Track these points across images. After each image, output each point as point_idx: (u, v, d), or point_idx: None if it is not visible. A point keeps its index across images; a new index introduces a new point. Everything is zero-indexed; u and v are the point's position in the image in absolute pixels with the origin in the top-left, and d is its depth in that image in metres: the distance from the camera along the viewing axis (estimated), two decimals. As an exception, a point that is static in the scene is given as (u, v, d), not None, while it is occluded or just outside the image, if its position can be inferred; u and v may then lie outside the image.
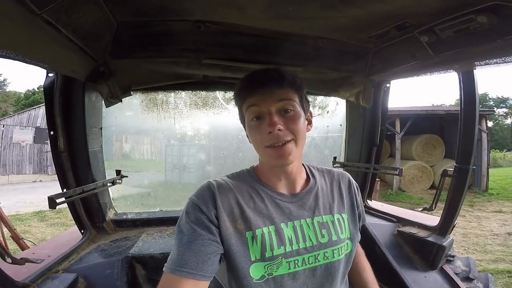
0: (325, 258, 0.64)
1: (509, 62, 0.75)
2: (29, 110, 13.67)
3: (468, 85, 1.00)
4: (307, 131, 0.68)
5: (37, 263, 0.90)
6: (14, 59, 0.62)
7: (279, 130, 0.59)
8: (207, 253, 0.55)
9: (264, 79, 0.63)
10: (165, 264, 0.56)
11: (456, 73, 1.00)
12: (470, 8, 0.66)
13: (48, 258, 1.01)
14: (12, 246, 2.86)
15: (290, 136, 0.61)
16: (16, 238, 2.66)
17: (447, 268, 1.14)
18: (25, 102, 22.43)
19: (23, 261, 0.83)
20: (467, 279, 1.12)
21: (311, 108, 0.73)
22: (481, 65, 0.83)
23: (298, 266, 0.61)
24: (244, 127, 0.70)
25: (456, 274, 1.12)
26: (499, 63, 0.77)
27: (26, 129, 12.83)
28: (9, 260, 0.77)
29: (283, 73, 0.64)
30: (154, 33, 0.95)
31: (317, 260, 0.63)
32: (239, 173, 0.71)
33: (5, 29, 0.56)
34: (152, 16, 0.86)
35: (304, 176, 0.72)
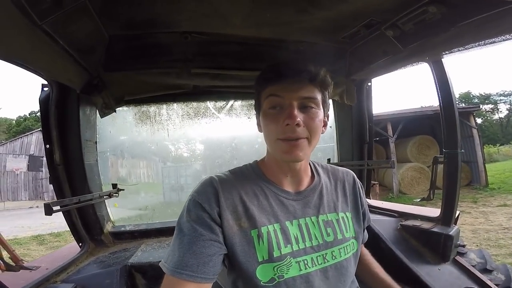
0: (333, 257, 0.62)
1: (469, 48, 0.82)
2: (21, 137, 13.58)
3: (440, 75, 1.06)
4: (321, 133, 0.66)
5: (33, 269, 0.89)
6: (17, 65, 0.67)
7: (297, 124, 0.57)
8: (209, 254, 0.53)
9: (297, 70, 0.60)
10: (164, 263, 0.55)
11: (428, 65, 1.08)
12: (421, 1, 0.73)
13: (45, 270, 1.00)
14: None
15: (306, 133, 0.59)
16: (15, 260, 2.58)
17: (461, 259, 1.09)
18: (17, 129, 22.32)
19: (18, 267, 0.84)
20: (485, 270, 1.06)
21: None
22: (447, 53, 0.91)
23: (309, 267, 0.59)
24: (258, 114, 0.67)
25: (472, 266, 1.07)
26: (461, 50, 0.84)
27: (20, 157, 12.69)
28: (3, 266, 0.78)
29: (318, 68, 0.62)
30: (144, 45, 1.01)
31: (326, 260, 0.61)
32: (242, 168, 0.69)
33: (10, 38, 0.61)
34: (142, 29, 0.92)
35: (309, 173, 0.71)
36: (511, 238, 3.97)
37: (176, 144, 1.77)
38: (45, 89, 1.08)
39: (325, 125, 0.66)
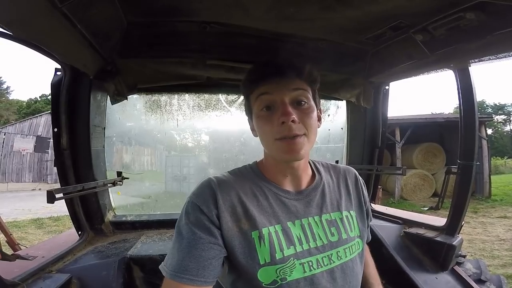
0: (339, 258, 0.60)
1: (501, 58, 0.78)
2: (30, 118, 13.77)
3: (464, 83, 1.03)
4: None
5: (29, 259, 0.88)
6: (33, 48, 0.65)
7: (292, 121, 0.55)
8: (208, 258, 0.53)
9: (282, 67, 0.60)
10: (164, 266, 0.55)
11: (452, 72, 1.04)
12: (459, 6, 0.69)
13: (42, 259, 0.99)
14: (7, 252, 2.82)
15: (303, 130, 0.57)
16: (12, 244, 2.64)
17: (458, 269, 1.11)
18: (27, 110, 22.58)
19: (14, 257, 0.83)
20: (479, 281, 1.09)
21: None
22: (475, 62, 0.86)
23: (314, 269, 0.57)
24: (250, 118, 0.66)
25: (468, 276, 1.09)
26: (492, 59, 0.80)
27: (27, 138, 12.88)
28: None
29: (303, 63, 0.61)
30: (161, 34, 0.98)
31: (331, 261, 0.59)
32: (241, 169, 0.68)
33: (30, 18, 0.60)
34: (161, 16, 0.90)
35: (310, 172, 0.69)
36: (506, 249, 4.01)
37: (182, 134, 1.75)
38: (58, 73, 1.07)
39: (319, 119, 0.65)
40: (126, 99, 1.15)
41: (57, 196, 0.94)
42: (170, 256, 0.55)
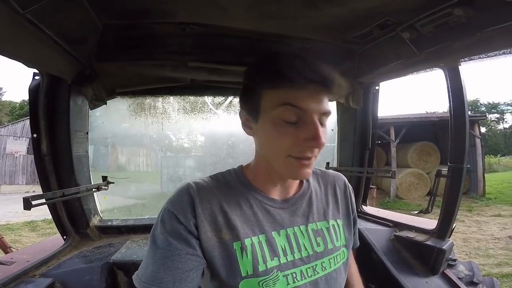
0: (323, 268, 0.58)
1: (491, 56, 0.75)
2: (23, 120, 13.53)
3: (455, 83, 1.00)
4: None
5: (7, 265, 0.87)
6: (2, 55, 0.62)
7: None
8: (185, 270, 0.49)
9: (323, 75, 0.48)
10: (137, 275, 0.52)
11: (442, 71, 1.01)
12: (446, 2, 0.66)
13: (26, 263, 0.98)
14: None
15: (318, 152, 0.53)
16: (3, 247, 2.64)
17: (449, 272, 1.10)
18: (20, 112, 22.18)
19: None
20: (472, 283, 1.08)
21: None
22: (465, 60, 0.84)
23: (298, 280, 0.54)
24: (250, 113, 0.55)
25: (460, 278, 1.08)
26: (482, 58, 0.77)
27: (20, 140, 12.68)
28: None
29: (335, 71, 0.51)
30: (139, 36, 0.95)
31: (316, 272, 0.57)
32: (225, 174, 0.62)
33: None
34: (137, 18, 0.86)
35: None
36: (501, 248, 4.04)
37: (170, 138, 1.71)
38: (37, 77, 1.04)
39: None
40: (105, 104, 1.12)
41: (35, 202, 0.92)
42: (144, 266, 0.52)
